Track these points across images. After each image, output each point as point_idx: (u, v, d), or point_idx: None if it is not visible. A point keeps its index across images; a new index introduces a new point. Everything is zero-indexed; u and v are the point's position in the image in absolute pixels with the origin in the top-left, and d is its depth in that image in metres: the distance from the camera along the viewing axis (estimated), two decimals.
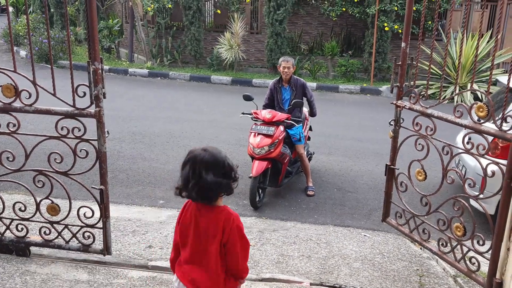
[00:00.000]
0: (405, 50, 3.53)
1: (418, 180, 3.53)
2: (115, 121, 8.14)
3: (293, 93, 5.65)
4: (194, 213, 2.09)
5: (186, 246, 2.11)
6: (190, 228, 2.10)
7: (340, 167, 6.53)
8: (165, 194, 5.40)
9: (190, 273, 2.10)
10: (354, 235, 4.53)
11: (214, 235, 2.04)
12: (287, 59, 5.57)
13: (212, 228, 2.04)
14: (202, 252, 2.07)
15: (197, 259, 2.09)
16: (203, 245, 2.06)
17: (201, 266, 2.09)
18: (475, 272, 3.15)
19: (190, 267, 2.10)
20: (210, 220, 2.05)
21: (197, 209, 2.09)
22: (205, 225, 2.06)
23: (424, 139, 3.38)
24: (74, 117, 3.10)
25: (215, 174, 1.97)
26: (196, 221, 2.08)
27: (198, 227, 2.07)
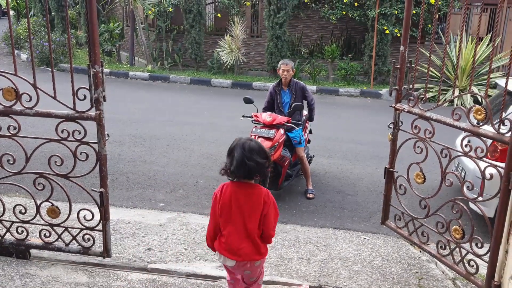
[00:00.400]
0: (404, 54, 3.55)
1: (417, 183, 3.54)
2: (116, 124, 8.17)
3: (292, 96, 5.67)
4: (234, 193, 2.50)
5: (229, 222, 2.53)
6: (231, 206, 2.51)
7: (340, 170, 6.54)
8: (165, 197, 5.42)
9: (235, 245, 2.52)
10: (354, 238, 4.53)
11: (256, 208, 2.50)
12: (287, 62, 5.59)
13: (255, 201, 2.50)
14: (244, 225, 2.50)
15: (240, 231, 2.51)
16: (245, 218, 2.49)
17: (243, 236, 2.51)
18: (473, 275, 3.16)
19: (234, 239, 2.52)
20: (251, 196, 2.50)
21: (236, 188, 2.52)
22: (246, 200, 2.50)
23: (423, 142, 3.39)
24: (75, 120, 3.12)
25: (260, 158, 2.45)
26: (236, 199, 2.50)
27: (239, 203, 2.50)
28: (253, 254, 2.54)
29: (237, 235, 2.52)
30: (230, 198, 2.51)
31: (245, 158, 2.43)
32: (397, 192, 3.73)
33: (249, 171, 2.46)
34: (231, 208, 2.51)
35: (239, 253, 2.52)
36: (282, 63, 5.60)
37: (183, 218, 4.83)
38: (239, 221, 2.51)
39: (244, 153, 2.44)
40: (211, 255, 3.88)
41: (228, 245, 2.54)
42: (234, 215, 2.51)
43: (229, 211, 2.51)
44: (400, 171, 3.86)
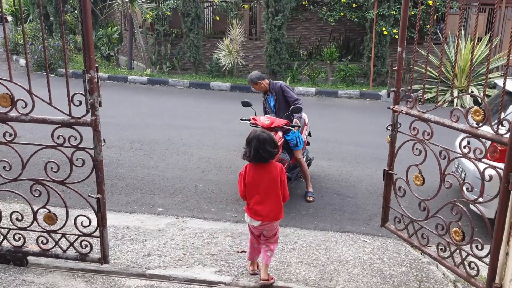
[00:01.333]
0: (401, 55, 3.53)
1: (416, 185, 3.51)
2: (114, 129, 8.15)
3: (274, 99, 5.72)
4: (256, 171, 3.27)
5: (255, 194, 3.28)
6: (255, 182, 3.26)
7: (340, 172, 6.52)
8: (164, 202, 5.39)
9: (262, 210, 3.27)
10: (354, 240, 4.51)
11: (275, 178, 3.26)
12: (252, 80, 5.65)
13: (273, 173, 3.26)
14: (269, 193, 3.26)
15: (265, 199, 3.26)
16: (270, 188, 3.25)
17: (269, 203, 3.26)
18: (474, 277, 3.13)
19: (261, 207, 3.27)
20: (269, 170, 3.26)
21: (256, 168, 3.27)
22: (266, 175, 3.25)
23: (421, 143, 3.37)
24: (70, 126, 3.10)
25: (270, 146, 3.21)
26: (258, 175, 3.26)
27: (261, 179, 3.25)
28: (275, 215, 3.31)
29: (262, 202, 3.25)
30: (253, 176, 3.26)
31: (259, 148, 3.18)
32: (396, 194, 3.71)
33: (262, 158, 3.21)
34: (255, 184, 3.26)
35: (263, 216, 3.27)
36: (249, 83, 5.74)
37: (182, 222, 4.80)
38: (262, 192, 3.25)
39: (259, 144, 3.19)
40: (210, 260, 3.86)
41: (254, 210, 3.29)
42: (258, 188, 3.25)
43: (254, 186, 3.26)
44: (399, 173, 3.83)
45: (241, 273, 3.64)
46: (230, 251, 4.04)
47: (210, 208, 5.29)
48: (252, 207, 3.30)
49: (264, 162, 3.25)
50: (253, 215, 3.31)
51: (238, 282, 3.50)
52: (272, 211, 3.28)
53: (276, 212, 3.30)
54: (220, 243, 4.20)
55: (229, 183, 6.03)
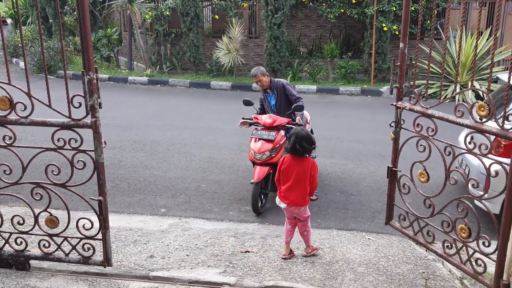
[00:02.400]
0: (403, 51, 3.48)
1: (420, 182, 3.47)
2: (115, 130, 8.12)
3: (275, 97, 5.65)
4: (292, 163, 3.73)
5: (287, 181, 3.74)
6: (289, 171, 3.73)
7: (343, 170, 6.48)
8: (167, 202, 5.37)
9: (290, 196, 3.75)
10: (358, 238, 4.47)
11: (306, 171, 3.71)
12: (255, 73, 5.60)
13: (305, 167, 3.71)
14: (298, 183, 3.71)
15: (294, 187, 3.72)
16: (300, 179, 3.70)
17: (296, 190, 3.72)
18: (481, 274, 3.09)
19: (289, 193, 3.74)
20: (303, 165, 3.72)
21: (293, 160, 3.73)
22: (300, 168, 3.71)
23: (426, 140, 3.33)
24: (70, 128, 3.07)
25: (307, 143, 3.67)
26: (293, 166, 3.72)
27: (294, 169, 3.71)
28: (300, 202, 3.77)
29: (291, 189, 3.73)
30: (288, 166, 3.73)
31: (296, 143, 3.65)
32: (401, 191, 3.67)
33: (298, 152, 3.69)
34: (289, 172, 3.72)
35: (290, 200, 3.74)
36: (251, 75, 5.67)
37: (185, 223, 4.77)
38: (293, 180, 3.71)
39: (296, 140, 3.66)
40: (214, 260, 3.83)
41: (284, 195, 3.77)
42: (290, 177, 3.71)
43: (287, 174, 3.73)
44: (403, 170, 3.79)
45: (246, 273, 3.61)
46: (234, 251, 4.01)
47: (213, 208, 5.26)
48: (282, 192, 3.79)
49: (300, 156, 3.72)
50: (282, 198, 3.81)
51: (242, 283, 3.46)
52: (298, 198, 3.75)
53: (301, 200, 3.77)
54: (223, 244, 4.17)
55: (232, 182, 6.00)
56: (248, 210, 5.17)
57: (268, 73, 5.73)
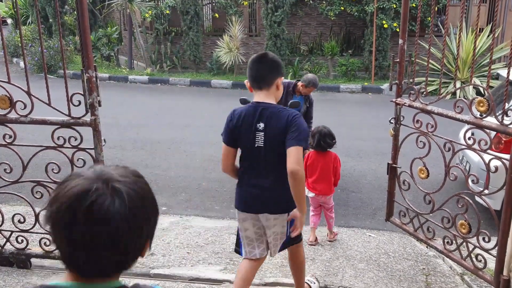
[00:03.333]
0: (403, 47, 3.48)
1: (420, 178, 3.48)
2: (116, 129, 8.13)
3: (304, 106, 5.48)
4: (316, 158, 4.12)
5: (314, 174, 4.13)
6: (314, 165, 4.12)
7: (343, 168, 6.41)
8: (168, 201, 5.37)
9: (317, 186, 4.14)
10: (359, 235, 4.48)
11: (329, 164, 4.12)
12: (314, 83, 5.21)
13: (328, 161, 4.11)
14: (323, 174, 4.11)
15: (320, 179, 4.12)
16: (325, 171, 4.11)
17: (322, 181, 4.12)
18: (482, 270, 3.09)
19: (317, 184, 4.14)
20: (326, 158, 4.12)
21: (317, 155, 4.13)
22: (324, 161, 4.11)
23: (425, 136, 3.33)
24: (70, 126, 3.07)
25: (329, 139, 4.08)
26: (318, 160, 4.11)
27: (320, 163, 4.11)
28: (326, 191, 4.17)
29: (318, 180, 4.12)
30: (314, 161, 4.12)
31: (321, 139, 4.04)
32: (401, 188, 3.67)
33: (322, 147, 4.07)
34: (314, 166, 4.12)
35: (318, 190, 4.14)
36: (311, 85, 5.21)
37: (186, 221, 4.78)
38: (319, 173, 4.10)
39: (320, 137, 4.05)
40: (214, 258, 3.83)
41: (312, 186, 4.16)
42: (316, 170, 4.11)
43: (313, 168, 4.12)
44: (403, 167, 3.79)
45: None
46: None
47: (214, 206, 5.27)
48: (310, 183, 4.17)
49: (323, 151, 4.10)
50: (311, 189, 4.20)
51: None
52: (324, 188, 4.16)
53: (328, 189, 4.18)
54: (224, 241, 4.18)
55: (233, 181, 5.89)
56: None
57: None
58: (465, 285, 3.46)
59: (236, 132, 2.64)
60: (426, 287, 3.42)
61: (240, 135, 2.64)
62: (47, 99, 3.05)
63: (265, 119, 2.54)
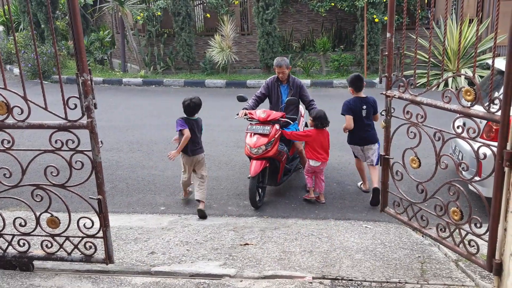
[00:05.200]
0: (391, 40, 3.55)
1: (413, 168, 3.55)
2: (112, 132, 8.17)
3: (290, 92, 5.68)
4: (318, 134, 5.24)
5: (317, 147, 5.22)
6: (318, 139, 5.24)
7: (339, 161, 6.56)
8: (166, 200, 5.43)
9: (321, 155, 5.23)
10: (355, 227, 4.56)
11: (327, 138, 5.31)
12: (280, 64, 5.59)
13: (325, 135, 5.29)
14: (325, 147, 5.27)
15: (323, 150, 5.25)
16: (323, 143, 5.26)
17: (325, 152, 5.28)
18: (475, 255, 3.17)
19: (321, 154, 5.22)
20: (324, 134, 5.28)
21: (319, 132, 5.25)
22: (322, 136, 5.25)
23: (415, 126, 3.40)
24: (67, 130, 3.12)
25: (326, 120, 5.26)
26: (319, 136, 5.23)
27: (320, 138, 5.24)
28: (327, 159, 5.32)
29: (319, 151, 5.22)
30: (316, 136, 5.22)
31: (322, 121, 5.22)
32: (394, 178, 3.74)
33: (322, 126, 5.24)
34: (318, 141, 5.21)
35: (321, 158, 5.24)
36: (276, 65, 5.63)
37: (185, 220, 4.85)
38: (320, 145, 5.23)
39: (322, 119, 5.22)
40: (214, 254, 3.90)
41: (316, 156, 5.21)
42: (318, 143, 5.22)
43: (316, 142, 5.22)
44: (396, 158, 3.87)
45: (245, 265, 3.69)
46: (234, 244, 4.09)
47: (212, 204, 5.33)
48: (316, 154, 5.21)
49: (321, 128, 5.23)
50: (316, 158, 5.21)
51: (242, 274, 3.54)
52: (325, 157, 5.28)
53: (327, 157, 5.32)
54: (223, 238, 4.25)
55: (229, 178, 6.07)
56: (247, 204, 5.25)
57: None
58: (459, 271, 3.54)
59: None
60: (421, 274, 3.49)
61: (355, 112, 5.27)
62: (44, 104, 3.09)
63: (365, 104, 5.42)
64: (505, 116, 2.71)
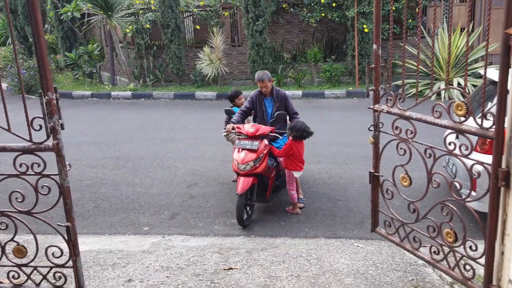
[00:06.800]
0: (377, 52, 3.38)
1: (403, 186, 3.35)
2: (98, 147, 7.96)
3: (275, 105, 5.50)
4: (296, 145, 5.10)
5: (299, 157, 5.15)
6: (297, 150, 5.11)
7: (330, 175, 6.36)
8: (150, 220, 5.21)
9: (302, 164, 5.26)
10: (346, 246, 4.34)
11: (303, 148, 5.30)
12: (262, 78, 5.41)
13: (303, 146, 5.28)
14: (301, 156, 5.22)
15: (302, 160, 5.24)
16: (302, 153, 5.24)
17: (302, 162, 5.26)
18: (470, 280, 2.97)
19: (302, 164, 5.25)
20: (301, 145, 5.24)
21: (296, 143, 5.10)
22: (300, 147, 5.19)
23: (405, 142, 3.21)
24: (32, 152, 2.91)
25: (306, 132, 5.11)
26: (297, 147, 5.12)
27: (298, 149, 5.14)
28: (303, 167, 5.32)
29: (301, 161, 5.23)
30: (296, 148, 5.11)
31: (304, 133, 5.07)
32: (384, 197, 3.55)
33: (302, 137, 5.13)
34: (297, 151, 5.12)
35: (302, 168, 5.24)
36: (257, 80, 5.46)
37: (168, 241, 4.62)
38: (301, 156, 5.19)
39: (303, 131, 5.07)
40: (195, 281, 3.67)
41: (299, 166, 5.20)
42: (299, 154, 5.15)
43: (298, 153, 5.14)
44: (386, 175, 3.67)
45: None
46: (217, 269, 3.86)
47: (197, 223, 5.11)
48: (297, 165, 5.17)
49: (300, 140, 5.16)
50: (299, 169, 5.21)
51: None
52: (303, 166, 5.28)
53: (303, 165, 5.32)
54: (206, 261, 4.02)
55: (217, 195, 5.85)
56: (234, 223, 5.03)
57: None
58: None
59: None
60: None
61: None
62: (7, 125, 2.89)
63: None
64: (499, 132, 2.52)
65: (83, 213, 5.45)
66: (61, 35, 14.69)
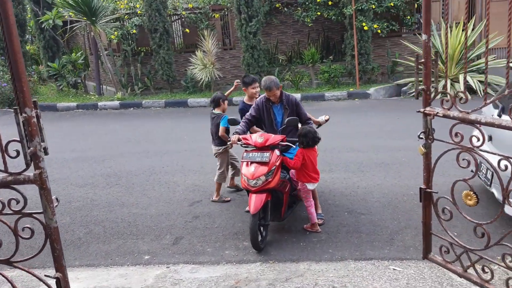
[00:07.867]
0: (427, 44, 2.80)
1: (467, 205, 2.78)
2: (87, 164, 7.28)
3: (286, 112, 4.89)
4: (307, 154, 4.58)
5: (311, 167, 4.63)
6: (310, 159, 4.59)
7: (346, 185, 5.78)
8: (151, 247, 4.56)
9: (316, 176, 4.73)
10: (381, 270, 3.76)
11: (316, 156, 4.80)
12: (269, 87, 4.73)
13: (315, 154, 4.76)
14: (314, 166, 4.68)
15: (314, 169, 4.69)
16: (315, 162, 4.70)
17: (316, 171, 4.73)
18: None
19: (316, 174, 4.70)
20: (313, 152, 4.67)
21: (307, 151, 4.59)
22: (312, 155, 4.64)
23: (470, 152, 2.64)
24: (9, 186, 2.26)
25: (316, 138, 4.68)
26: (309, 156, 4.60)
27: (310, 157, 4.62)
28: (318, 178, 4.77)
29: (314, 171, 4.64)
30: (307, 157, 4.56)
31: (310, 139, 4.54)
32: (440, 217, 2.97)
33: (312, 145, 4.60)
34: (308, 161, 4.58)
35: (317, 178, 4.70)
36: (265, 88, 4.77)
37: (174, 273, 3.99)
38: (313, 165, 4.63)
39: (309, 136, 4.55)
40: None
41: (312, 177, 4.63)
42: (310, 164, 4.59)
43: (309, 163, 4.59)
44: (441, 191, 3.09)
45: None
46: None
47: (206, 248, 4.48)
48: (309, 176, 4.62)
49: (312, 147, 4.63)
50: (313, 180, 4.66)
51: None
52: (318, 176, 4.73)
53: (318, 176, 4.77)
54: None
55: (224, 213, 5.23)
56: (247, 246, 4.41)
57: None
58: None
59: None
60: None
61: None
62: None
63: None
64: None
65: (74, 241, 4.79)
66: (43, 44, 13.99)
